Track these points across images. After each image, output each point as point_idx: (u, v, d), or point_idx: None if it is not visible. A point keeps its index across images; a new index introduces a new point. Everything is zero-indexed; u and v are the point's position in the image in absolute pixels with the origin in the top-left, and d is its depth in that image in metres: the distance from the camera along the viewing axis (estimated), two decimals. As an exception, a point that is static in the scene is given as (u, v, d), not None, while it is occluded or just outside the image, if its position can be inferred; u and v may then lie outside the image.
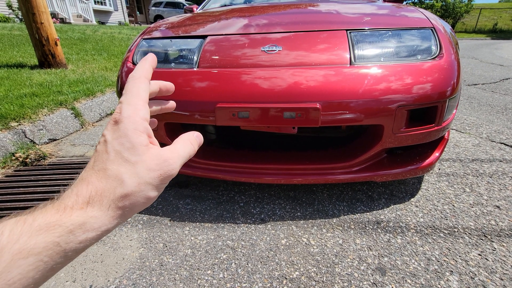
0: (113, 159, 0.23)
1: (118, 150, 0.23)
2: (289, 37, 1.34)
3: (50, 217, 0.20)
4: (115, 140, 0.24)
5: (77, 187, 0.22)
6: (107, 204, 0.22)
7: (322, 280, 0.97)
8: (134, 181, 0.23)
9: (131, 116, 0.25)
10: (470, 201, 1.36)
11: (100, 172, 0.23)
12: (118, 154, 0.23)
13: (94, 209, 0.21)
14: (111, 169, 0.23)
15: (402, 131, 1.16)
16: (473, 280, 0.95)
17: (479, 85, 3.76)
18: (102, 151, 0.24)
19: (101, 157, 0.23)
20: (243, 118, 1.14)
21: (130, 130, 0.24)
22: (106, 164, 0.23)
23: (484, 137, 2.09)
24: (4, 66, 3.59)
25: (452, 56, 1.23)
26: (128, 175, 0.23)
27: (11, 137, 1.91)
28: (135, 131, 0.24)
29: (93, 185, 0.22)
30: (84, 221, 0.21)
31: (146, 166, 0.24)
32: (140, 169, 0.23)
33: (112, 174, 0.23)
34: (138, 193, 0.23)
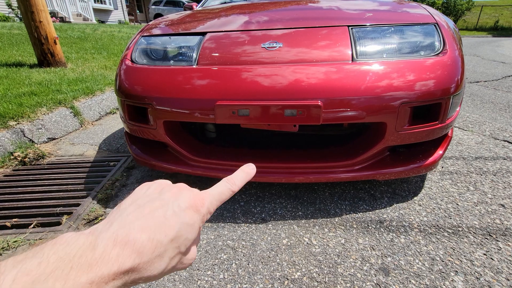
0: (173, 238, 0.24)
1: (182, 235, 0.24)
2: (290, 33, 1.32)
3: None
4: (187, 226, 0.25)
5: (125, 251, 0.22)
6: (132, 280, 0.23)
7: (325, 281, 0.95)
8: (166, 268, 0.24)
9: (206, 216, 0.27)
10: (474, 200, 1.34)
11: (158, 245, 0.24)
12: (179, 239, 0.24)
13: (118, 282, 0.21)
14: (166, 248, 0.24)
15: (405, 128, 1.14)
16: (478, 280, 0.93)
17: (481, 83, 3.73)
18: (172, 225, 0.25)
19: (167, 229, 0.24)
20: (243, 116, 1.12)
21: (199, 225, 0.26)
22: (168, 241, 0.24)
23: (487, 135, 2.06)
24: (3, 65, 3.57)
25: (456, 52, 1.20)
26: (168, 261, 0.24)
27: (9, 136, 1.89)
28: (200, 228, 0.26)
29: (141, 258, 0.22)
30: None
31: (182, 260, 0.25)
32: (177, 260, 0.25)
33: (162, 253, 0.24)
34: (154, 278, 0.24)
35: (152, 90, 1.25)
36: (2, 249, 1.12)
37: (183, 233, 0.24)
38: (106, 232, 0.21)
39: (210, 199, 0.27)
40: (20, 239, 1.17)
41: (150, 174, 1.67)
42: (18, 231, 1.22)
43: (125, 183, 1.58)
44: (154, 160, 1.40)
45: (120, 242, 0.21)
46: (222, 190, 0.28)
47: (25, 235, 1.19)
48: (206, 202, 0.27)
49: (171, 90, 1.22)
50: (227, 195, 0.28)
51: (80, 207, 1.37)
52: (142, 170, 1.72)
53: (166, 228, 0.23)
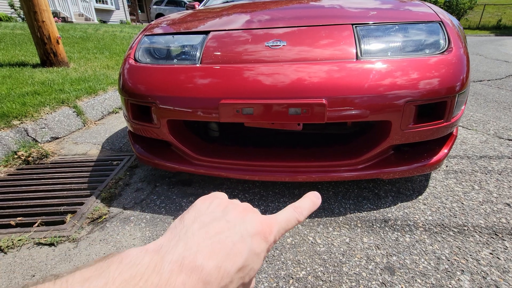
0: (240, 268, 0.22)
1: (247, 266, 0.22)
2: (294, 32, 1.31)
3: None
4: (254, 256, 0.23)
5: (192, 279, 0.21)
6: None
7: (330, 280, 0.95)
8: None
9: (271, 245, 0.25)
10: (480, 199, 1.33)
11: (224, 274, 0.22)
12: (245, 269, 0.22)
13: None
14: (232, 279, 0.22)
15: (410, 127, 1.13)
16: (485, 279, 0.92)
17: (485, 82, 3.71)
18: (239, 252, 0.22)
19: (234, 257, 0.22)
20: (247, 114, 1.12)
21: (264, 254, 0.24)
22: (234, 271, 0.22)
23: (492, 134, 2.05)
24: (7, 65, 3.58)
25: (461, 50, 1.20)
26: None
27: (13, 135, 1.90)
28: (264, 257, 0.24)
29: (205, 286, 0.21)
30: None
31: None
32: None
33: (228, 283, 0.22)
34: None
35: (155, 89, 1.25)
36: (7, 247, 1.12)
37: (249, 262, 0.22)
38: (172, 254, 0.20)
39: (278, 227, 0.25)
40: (25, 238, 1.17)
41: (154, 173, 1.67)
42: (22, 230, 1.22)
43: (129, 182, 1.58)
44: (158, 159, 1.40)
45: (186, 267, 0.19)
46: (289, 218, 0.26)
47: (30, 234, 1.20)
48: (274, 229, 0.24)
49: (175, 89, 1.22)
50: (293, 224, 0.26)
51: (84, 206, 1.37)
52: (146, 169, 1.72)
53: (234, 256, 0.21)
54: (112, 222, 1.27)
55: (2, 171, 1.69)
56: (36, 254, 1.11)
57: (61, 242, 1.16)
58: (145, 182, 1.58)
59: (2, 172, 1.68)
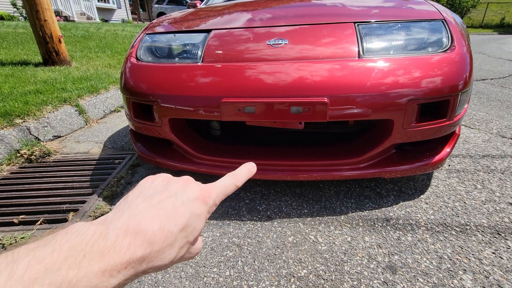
0: (183, 228, 0.25)
1: (190, 225, 0.25)
2: (296, 30, 1.31)
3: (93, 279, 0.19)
4: (195, 216, 0.25)
5: (137, 241, 0.22)
6: (143, 269, 0.23)
7: (331, 279, 0.95)
8: (175, 258, 0.25)
9: (212, 207, 0.27)
10: (482, 198, 1.32)
11: (168, 235, 0.24)
12: (188, 228, 0.25)
13: (129, 271, 0.21)
14: (176, 238, 0.25)
15: (413, 126, 1.12)
16: (487, 279, 0.92)
17: (488, 80, 3.69)
18: (181, 214, 0.25)
19: (177, 218, 0.25)
20: (249, 113, 1.12)
21: (205, 216, 0.27)
22: (178, 230, 0.25)
23: (495, 133, 2.04)
24: (9, 64, 3.60)
25: (464, 49, 1.19)
26: (177, 250, 0.25)
27: (16, 134, 1.91)
28: (206, 219, 0.27)
29: (152, 248, 0.23)
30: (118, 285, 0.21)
31: (190, 249, 0.26)
32: (185, 250, 0.25)
33: (172, 243, 0.24)
34: (163, 267, 0.25)
35: (157, 88, 1.25)
36: (10, 245, 1.13)
37: (191, 222, 0.24)
38: (117, 222, 0.21)
39: (216, 192, 0.28)
40: (28, 236, 1.18)
41: (155, 171, 1.67)
42: (25, 228, 1.23)
43: (130, 181, 1.59)
44: (159, 158, 1.40)
45: (131, 231, 0.21)
46: (227, 184, 0.29)
47: (32, 232, 1.20)
48: (213, 194, 0.27)
49: (177, 87, 1.22)
50: (231, 189, 0.29)
51: (86, 204, 1.37)
52: (147, 167, 1.72)
53: (176, 218, 0.23)
54: (114, 220, 1.28)
55: (5, 170, 1.70)
56: (39, 252, 1.11)
57: (63, 240, 1.17)
58: (146, 180, 1.59)
59: (5, 170, 1.69)
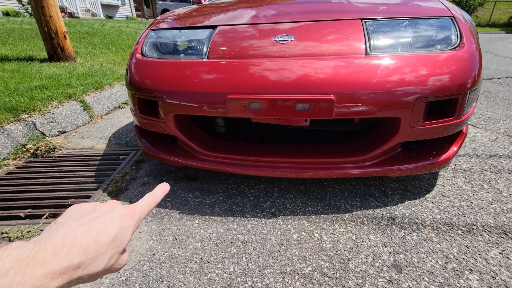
0: (113, 239, 0.28)
1: (119, 238, 0.29)
2: (302, 26, 1.29)
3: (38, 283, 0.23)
4: (124, 229, 0.29)
5: (74, 251, 0.25)
6: (78, 276, 0.26)
7: (336, 277, 0.95)
8: (106, 265, 0.28)
9: (138, 222, 0.32)
10: (489, 198, 1.31)
11: (100, 246, 0.28)
12: (117, 240, 0.28)
13: (66, 277, 0.24)
14: (107, 248, 0.28)
15: (420, 124, 1.11)
16: (494, 279, 0.91)
17: (495, 79, 3.64)
18: (112, 227, 0.29)
19: (108, 231, 0.28)
20: (254, 109, 1.11)
21: (132, 229, 0.31)
22: (108, 242, 0.28)
23: (502, 133, 2.01)
24: (15, 60, 3.62)
25: (473, 46, 1.17)
26: (108, 259, 0.28)
27: (22, 129, 1.92)
28: (133, 232, 0.31)
29: (87, 256, 0.26)
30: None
31: (119, 259, 0.29)
32: (115, 259, 0.29)
33: (104, 252, 0.28)
34: (96, 275, 0.27)
35: (162, 84, 1.25)
36: (16, 238, 1.14)
37: (120, 235, 0.28)
38: (53, 238, 0.24)
39: (141, 209, 0.32)
40: (34, 229, 1.19)
41: (160, 167, 1.68)
42: (31, 222, 1.24)
43: (135, 176, 1.60)
44: (164, 154, 1.41)
45: (67, 244, 0.24)
46: (148, 201, 0.34)
47: (38, 226, 1.21)
48: (138, 211, 0.32)
49: (182, 83, 1.22)
50: (152, 205, 0.34)
51: (91, 199, 1.38)
52: (152, 163, 1.73)
53: (106, 231, 0.27)
54: (119, 216, 1.28)
55: (11, 164, 1.71)
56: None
57: (69, 234, 1.18)
58: (151, 176, 1.59)
59: (11, 165, 1.71)
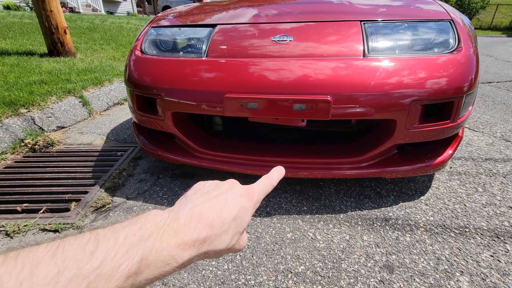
0: (235, 218, 0.29)
1: (240, 217, 0.30)
2: (301, 27, 1.30)
3: (173, 251, 0.25)
4: (244, 210, 0.30)
5: (200, 224, 0.27)
6: (206, 250, 0.27)
7: (328, 276, 0.96)
8: (229, 244, 0.29)
9: (257, 203, 0.33)
10: (483, 201, 1.32)
11: (224, 223, 0.29)
12: (238, 219, 0.29)
13: (197, 249, 0.26)
14: (230, 226, 0.29)
15: (416, 126, 1.12)
16: (484, 281, 0.92)
17: (494, 83, 3.65)
18: (233, 207, 0.30)
19: (230, 210, 0.29)
20: (252, 109, 1.12)
21: (252, 210, 0.32)
22: (230, 220, 0.29)
23: (498, 136, 2.02)
24: (15, 54, 3.61)
25: (471, 50, 1.18)
26: (231, 237, 0.29)
27: (20, 123, 1.93)
28: (252, 213, 0.32)
29: (212, 231, 0.27)
30: (190, 259, 0.26)
31: (239, 239, 0.31)
32: (236, 239, 0.30)
33: (227, 230, 0.29)
34: (221, 252, 0.29)
35: (161, 81, 1.26)
36: (13, 232, 1.15)
37: (241, 214, 0.29)
38: (183, 210, 0.27)
39: (258, 191, 0.33)
40: (30, 224, 1.19)
41: (157, 164, 1.68)
42: (28, 216, 1.25)
43: (132, 173, 1.60)
44: (161, 151, 1.41)
45: (195, 217, 0.26)
46: (265, 184, 0.35)
47: (35, 220, 1.22)
48: (256, 192, 0.33)
49: (180, 81, 1.23)
50: (269, 188, 0.35)
51: (88, 195, 1.39)
52: (149, 160, 1.73)
53: (229, 209, 0.29)
54: (115, 211, 1.29)
55: (9, 158, 1.72)
56: (41, 240, 1.13)
57: (65, 229, 1.18)
58: (148, 173, 1.60)
59: (9, 159, 1.71)
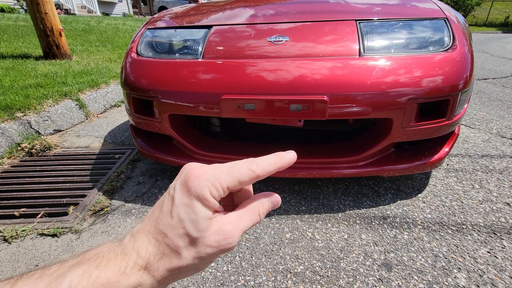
0: (175, 225, 0.23)
1: (182, 219, 0.23)
2: (297, 27, 1.30)
3: (111, 276, 0.21)
4: (182, 206, 0.23)
5: (138, 243, 0.23)
6: (161, 272, 0.23)
7: (327, 275, 0.96)
8: (190, 255, 0.23)
9: (204, 190, 0.23)
10: (479, 198, 1.33)
11: (160, 234, 0.23)
12: (180, 223, 0.23)
13: (148, 275, 0.23)
14: (171, 237, 0.23)
15: (412, 125, 1.13)
16: (481, 278, 0.93)
17: (490, 80, 3.67)
18: (167, 210, 0.24)
19: (165, 217, 0.24)
20: (249, 110, 1.12)
21: (197, 203, 0.23)
22: (167, 228, 0.23)
23: (494, 133, 2.04)
24: (10, 57, 3.59)
25: (465, 48, 1.18)
26: (186, 250, 0.23)
27: (16, 127, 1.92)
28: (202, 205, 0.23)
29: (152, 249, 0.23)
30: (138, 285, 0.22)
31: (205, 242, 0.23)
32: (199, 245, 0.23)
33: (171, 244, 0.23)
34: (191, 266, 0.24)
35: (157, 83, 1.25)
36: (11, 237, 1.14)
37: (178, 213, 0.25)
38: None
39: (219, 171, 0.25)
40: (28, 228, 1.19)
41: (155, 167, 1.68)
42: (26, 221, 1.24)
43: (130, 176, 1.60)
44: (159, 153, 1.41)
45: (134, 234, 0.25)
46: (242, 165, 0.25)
47: (33, 225, 1.22)
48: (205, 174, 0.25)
49: (177, 83, 1.22)
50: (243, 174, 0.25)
51: (86, 198, 1.39)
52: (147, 163, 1.73)
53: (165, 212, 0.26)
54: (114, 215, 1.29)
55: (6, 163, 1.71)
56: (40, 245, 1.13)
57: (63, 233, 1.18)
58: (146, 175, 1.60)
59: (6, 163, 1.71)
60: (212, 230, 0.23)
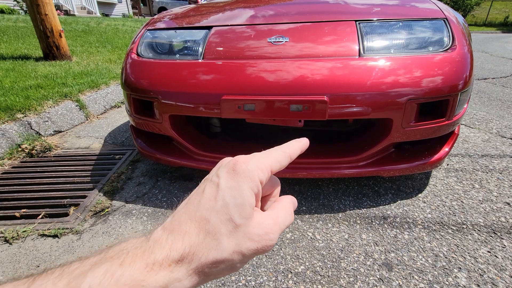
0: (219, 209, 0.22)
1: (227, 203, 0.22)
2: (297, 28, 1.30)
3: (137, 274, 0.20)
4: (228, 190, 0.22)
5: (174, 234, 0.22)
6: (196, 267, 0.21)
7: (328, 275, 0.96)
8: (230, 247, 0.22)
9: (253, 172, 0.23)
10: (480, 198, 1.33)
11: (202, 221, 0.22)
12: (225, 207, 0.22)
13: (180, 271, 0.21)
14: (213, 223, 0.22)
15: (412, 125, 1.13)
16: (482, 277, 0.93)
17: (489, 80, 3.68)
18: (211, 196, 0.23)
19: (208, 202, 0.23)
20: (249, 110, 1.12)
21: (246, 185, 0.23)
22: (211, 213, 0.22)
23: (494, 133, 2.04)
24: (10, 58, 3.59)
25: (465, 48, 1.19)
26: (226, 238, 0.22)
27: (17, 128, 1.92)
28: (250, 189, 0.23)
29: (189, 240, 0.21)
30: (167, 284, 0.20)
31: (247, 233, 0.22)
32: (240, 235, 0.22)
33: (212, 230, 0.21)
34: (227, 262, 0.22)
35: (158, 84, 1.26)
36: (12, 238, 1.15)
37: (227, 198, 0.24)
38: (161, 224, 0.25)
39: (258, 158, 0.26)
40: (29, 229, 1.19)
41: (155, 167, 1.68)
42: (27, 221, 1.25)
43: (131, 176, 1.60)
44: (159, 154, 1.41)
45: (168, 228, 0.23)
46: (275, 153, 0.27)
47: (34, 225, 1.22)
48: (251, 160, 0.26)
49: (177, 84, 1.23)
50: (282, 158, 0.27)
51: (87, 199, 1.39)
52: (147, 163, 1.73)
53: (206, 200, 0.25)
54: (115, 215, 1.29)
55: (7, 164, 1.71)
56: (41, 245, 1.13)
57: (64, 234, 1.18)
58: (147, 176, 1.60)
59: (7, 164, 1.71)
60: (254, 221, 0.23)
